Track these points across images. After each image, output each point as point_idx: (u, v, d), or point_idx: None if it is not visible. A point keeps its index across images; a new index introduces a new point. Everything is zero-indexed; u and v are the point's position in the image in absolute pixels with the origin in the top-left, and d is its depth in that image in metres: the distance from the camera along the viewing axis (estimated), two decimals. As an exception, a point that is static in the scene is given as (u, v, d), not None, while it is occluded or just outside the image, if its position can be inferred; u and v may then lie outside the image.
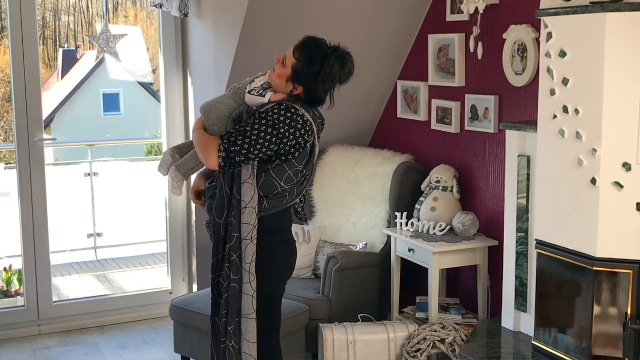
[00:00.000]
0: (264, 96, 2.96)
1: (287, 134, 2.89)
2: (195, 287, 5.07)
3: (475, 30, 3.83)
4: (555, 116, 3.09)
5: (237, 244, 2.95)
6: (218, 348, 3.06)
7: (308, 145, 2.98)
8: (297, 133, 2.91)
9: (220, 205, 2.97)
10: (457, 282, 4.29)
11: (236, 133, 2.88)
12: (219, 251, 3.01)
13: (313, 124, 2.97)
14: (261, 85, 3.00)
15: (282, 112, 2.89)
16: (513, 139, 3.51)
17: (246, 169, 2.92)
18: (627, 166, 2.87)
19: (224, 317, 3.00)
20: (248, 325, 3.00)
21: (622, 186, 2.88)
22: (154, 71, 15.72)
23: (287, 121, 2.88)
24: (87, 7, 18.22)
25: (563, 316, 3.17)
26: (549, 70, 3.10)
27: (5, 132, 14.82)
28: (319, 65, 2.90)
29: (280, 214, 3.04)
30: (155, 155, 12.68)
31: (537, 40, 3.53)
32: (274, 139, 2.87)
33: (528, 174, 3.44)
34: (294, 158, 2.95)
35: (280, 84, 2.96)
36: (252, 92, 2.99)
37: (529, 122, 3.46)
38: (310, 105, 3.00)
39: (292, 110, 2.90)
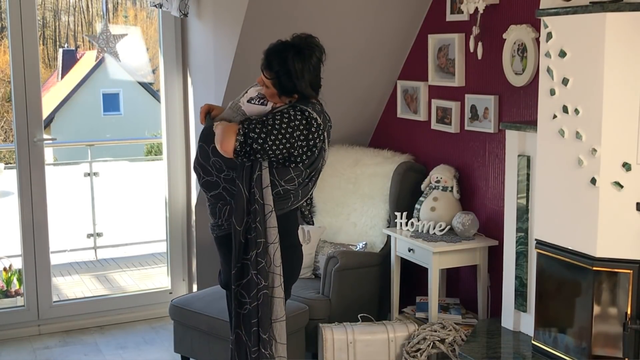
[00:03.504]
0: (266, 105, 2.95)
1: (301, 136, 2.87)
2: (195, 287, 5.07)
3: (475, 30, 3.83)
4: (555, 116, 3.09)
5: (264, 250, 2.93)
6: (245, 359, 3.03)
7: (316, 149, 2.97)
8: (310, 136, 2.90)
9: (240, 213, 2.93)
10: (457, 282, 4.29)
11: (255, 121, 2.86)
12: (239, 259, 2.98)
13: (324, 127, 2.97)
14: (257, 95, 2.99)
15: (299, 115, 2.87)
16: (513, 139, 3.51)
17: (266, 173, 2.90)
18: (627, 166, 2.87)
19: (254, 326, 2.97)
20: (282, 328, 3.01)
21: (622, 186, 2.88)
22: (154, 71, 15.72)
23: (304, 122, 2.87)
24: (87, 7, 18.22)
25: (563, 316, 3.17)
26: (549, 70, 3.10)
27: (5, 132, 14.82)
28: (286, 72, 2.88)
29: (285, 216, 3.02)
30: (155, 155, 12.69)
31: (537, 40, 3.53)
32: (287, 136, 2.85)
33: (528, 174, 3.44)
34: (302, 163, 2.94)
35: (277, 101, 2.96)
36: (252, 102, 2.98)
37: (529, 122, 3.46)
38: (307, 99, 2.98)
39: (307, 113, 2.89)
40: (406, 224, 4.11)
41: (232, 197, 2.97)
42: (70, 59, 17.12)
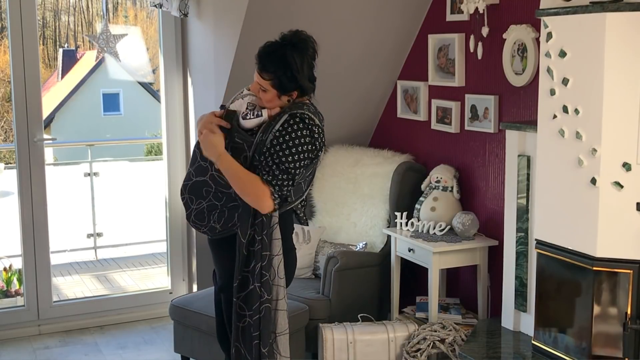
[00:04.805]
0: (261, 115, 2.95)
1: (310, 146, 2.89)
2: (195, 287, 5.07)
3: (485, 30, 3.81)
4: (555, 116, 3.09)
5: (269, 263, 2.92)
6: None
7: (320, 151, 2.99)
8: (317, 143, 2.91)
9: (245, 225, 2.91)
10: (457, 282, 4.29)
11: (279, 173, 2.83)
12: (241, 272, 2.96)
13: (322, 128, 2.97)
14: (247, 108, 2.99)
15: (301, 127, 2.87)
16: (513, 139, 3.51)
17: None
18: (627, 166, 2.87)
19: (255, 339, 2.95)
20: (285, 342, 3.00)
21: (622, 186, 2.88)
22: (154, 71, 15.73)
23: (306, 132, 2.88)
24: (87, 7, 18.24)
25: (563, 316, 3.17)
26: (549, 70, 3.10)
27: (5, 132, 14.83)
28: (287, 68, 2.87)
29: (281, 219, 3.02)
30: (155, 155, 12.69)
31: (537, 40, 3.53)
32: (301, 156, 2.87)
33: (528, 174, 3.44)
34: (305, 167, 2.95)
35: (276, 103, 2.95)
36: (247, 117, 2.97)
37: (529, 122, 3.46)
38: (306, 93, 2.98)
39: (307, 121, 2.89)
40: (406, 224, 4.11)
41: (223, 201, 2.96)
42: (70, 59, 17.13)
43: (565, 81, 3.02)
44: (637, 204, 2.88)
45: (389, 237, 4.26)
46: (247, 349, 2.96)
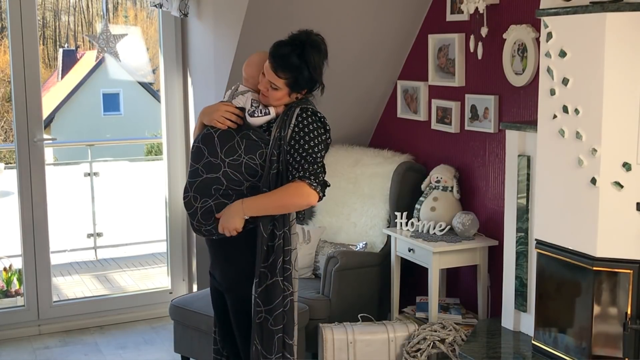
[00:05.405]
0: (269, 112, 2.96)
1: (326, 137, 2.94)
2: (195, 287, 5.07)
3: (484, 30, 3.81)
4: (555, 116, 3.09)
5: (290, 258, 2.93)
6: None
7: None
8: (328, 135, 2.96)
9: (267, 220, 2.92)
10: (457, 282, 4.29)
11: (309, 165, 2.85)
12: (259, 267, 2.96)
13: None
14: (251, 105, 2.99)
15: (315, 119, 2.91)
16: (513, 139, 3.51)
17: (286, 180, 2.90)
18: (627, 166, 2.87)
19: (278, 332, 2.95)
20: (295, 330, 3.02)
21: (622, 186, 2.88)
22: (154, 71, 15.74)
23: (319, 124, 2.92)
24: (87, 7, 18.25)
25: (563, 316, 3.17)
26: (549, 70, 3.10)
27: (5, 132, 14.84)
28: (306, 67, 2.89)
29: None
30: (155, 155, 12.70)
31: (537, 40, 3.53)
32: (322, 147, 2.92)
33: (528, 174, 3.44)
34: None
35: (284, 101, 2.95)
36: (255, 115, 2.97)
37: (529, 122, 3.46)
38: (313, 90, 3.01)
39: (319, 114, 2.94)
40: (406, 224, 4.11)
41: (232, 200, 2.94)
42: (70, 59, 17.14)
43: (565, 81, 3.02)
44: (637, 204, 2.88)
45: (389, 237, 4.26)
46: (266, 344, 2.95)
